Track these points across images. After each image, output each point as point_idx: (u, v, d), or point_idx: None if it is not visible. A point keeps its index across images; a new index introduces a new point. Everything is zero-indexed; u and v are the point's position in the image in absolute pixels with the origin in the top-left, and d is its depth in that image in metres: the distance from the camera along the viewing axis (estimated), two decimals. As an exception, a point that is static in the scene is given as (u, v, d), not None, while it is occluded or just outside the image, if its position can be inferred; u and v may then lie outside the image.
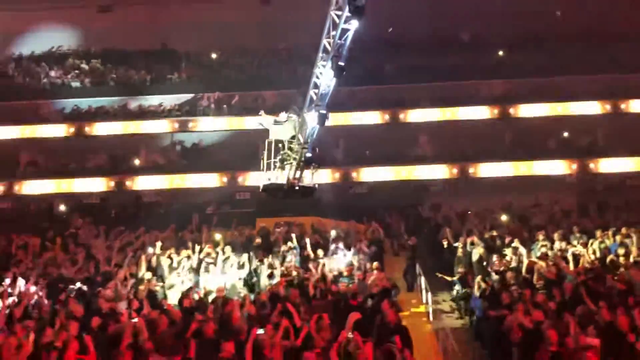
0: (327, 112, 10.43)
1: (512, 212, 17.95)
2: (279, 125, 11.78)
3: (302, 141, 11.16)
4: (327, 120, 10.48)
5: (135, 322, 8.71)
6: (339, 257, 14.13)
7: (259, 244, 14.92)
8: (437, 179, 20.47)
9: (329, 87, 10.03)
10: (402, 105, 21.29)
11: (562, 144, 21.14)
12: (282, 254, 13.97)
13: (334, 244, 14.75)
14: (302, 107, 10.88)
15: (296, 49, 21.94)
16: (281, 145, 11.78)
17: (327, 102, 10.38)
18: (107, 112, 22.16)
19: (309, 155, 11.27)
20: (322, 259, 13.55)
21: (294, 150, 11.57)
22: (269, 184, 12.03)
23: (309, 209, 17.12)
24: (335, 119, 19.70)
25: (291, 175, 11.92)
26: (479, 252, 13.60)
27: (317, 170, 12.19)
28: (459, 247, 14.10)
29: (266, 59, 23.69)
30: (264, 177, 12.03)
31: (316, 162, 11.70)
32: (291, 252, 13.91)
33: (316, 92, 10.21)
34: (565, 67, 20.80)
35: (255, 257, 13.44)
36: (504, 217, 17.46)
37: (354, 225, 16.87)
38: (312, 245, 14.33)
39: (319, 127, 10.68)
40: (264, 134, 12.11)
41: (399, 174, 20.42)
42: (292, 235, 14.71)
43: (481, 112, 21.03)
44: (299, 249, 14.09)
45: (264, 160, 11.96)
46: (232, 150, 20.53)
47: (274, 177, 11.90)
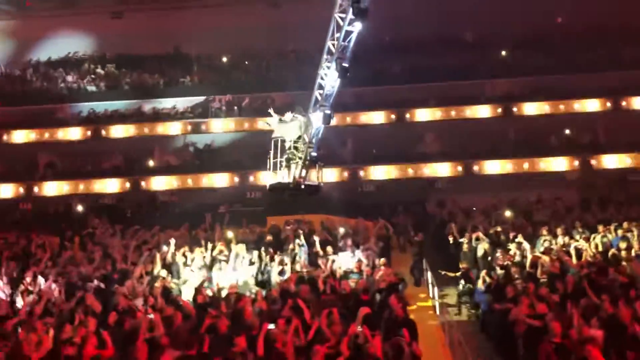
0: (332, 112, 10.67)
1: (516, 208, 17.93)
2: (284, 124, 11.95)
3: (307, 140, 11.36)
4: (331, 119, 10.72)
5: (151, 317, 8.83)
6: (348, 253, 14.22)
7: (269, 241, 14.94)
8: (442, 177, 20.59)
9: (333, 88, 10.31)
10: (408, 105, 21.50)
11: (564, 141, 21.30)
12: (291, 251, 13.98)
13: (343, 241, 14.93)
14: (308, 108, 11.12)
15: (305, 51, 22.05)
16: (286, 144, 11.88)
17: (331, 102, 10.63)
18: (122, 115, 22.52)
19: (314, 154, 11.48)
20: (331, 256, 13.58)
21: (300, 149, 11.72)
22: (275, 183, 12.18)
23: (318, 207, 17.24)
24: (343, 119, 20.56)
25: (297, 174, 12.03)
26: (484, 247, 13.70)
27: (322, 169, 12.33)
28: (464, 242, 14.17)
29: (275, 62, 23.89)
30: (270, 176, 12.17)
31: (321, 161, 11.90)
32: (299, 250, 13.93)
33: (321, 92, 10.46)
34: (567, 65, 20.90)
35: (266, 254, 13.41)
36: (508, 213, 17.44)
37: (362, 222, 16.99)
38: (321, 242, 14.38)
39: (323, 126, 10.93)
40: (273, 135, 12.32)
41: (406, 172, 20.66)
42: (299, 232, 14.79)
43: (485, 111, 21.26)
44: (307, 247, 14.13)
45: (270, 159, 12.10)
46: (243, 150, 20.72)
47: (280, 176, 12.03)
